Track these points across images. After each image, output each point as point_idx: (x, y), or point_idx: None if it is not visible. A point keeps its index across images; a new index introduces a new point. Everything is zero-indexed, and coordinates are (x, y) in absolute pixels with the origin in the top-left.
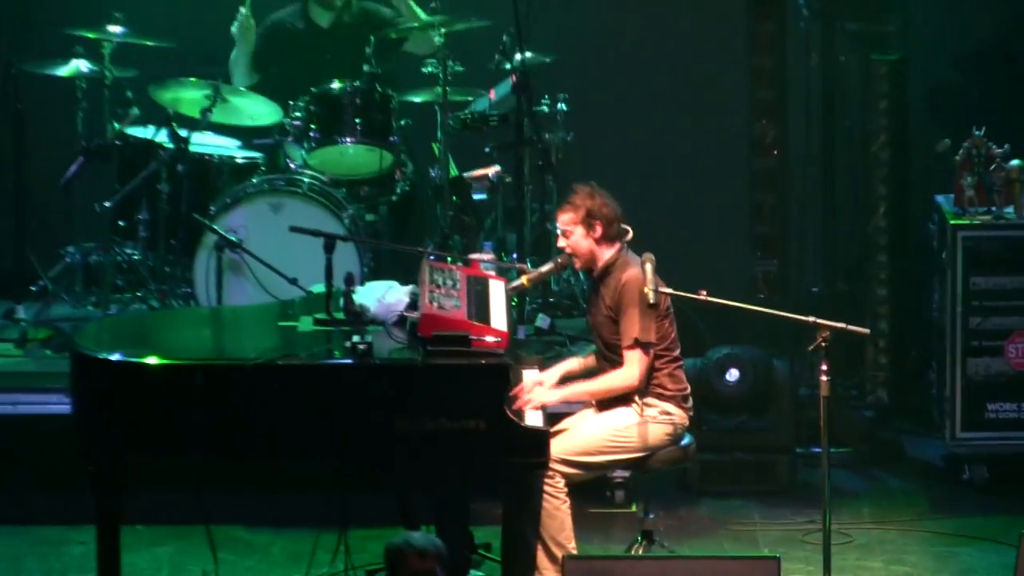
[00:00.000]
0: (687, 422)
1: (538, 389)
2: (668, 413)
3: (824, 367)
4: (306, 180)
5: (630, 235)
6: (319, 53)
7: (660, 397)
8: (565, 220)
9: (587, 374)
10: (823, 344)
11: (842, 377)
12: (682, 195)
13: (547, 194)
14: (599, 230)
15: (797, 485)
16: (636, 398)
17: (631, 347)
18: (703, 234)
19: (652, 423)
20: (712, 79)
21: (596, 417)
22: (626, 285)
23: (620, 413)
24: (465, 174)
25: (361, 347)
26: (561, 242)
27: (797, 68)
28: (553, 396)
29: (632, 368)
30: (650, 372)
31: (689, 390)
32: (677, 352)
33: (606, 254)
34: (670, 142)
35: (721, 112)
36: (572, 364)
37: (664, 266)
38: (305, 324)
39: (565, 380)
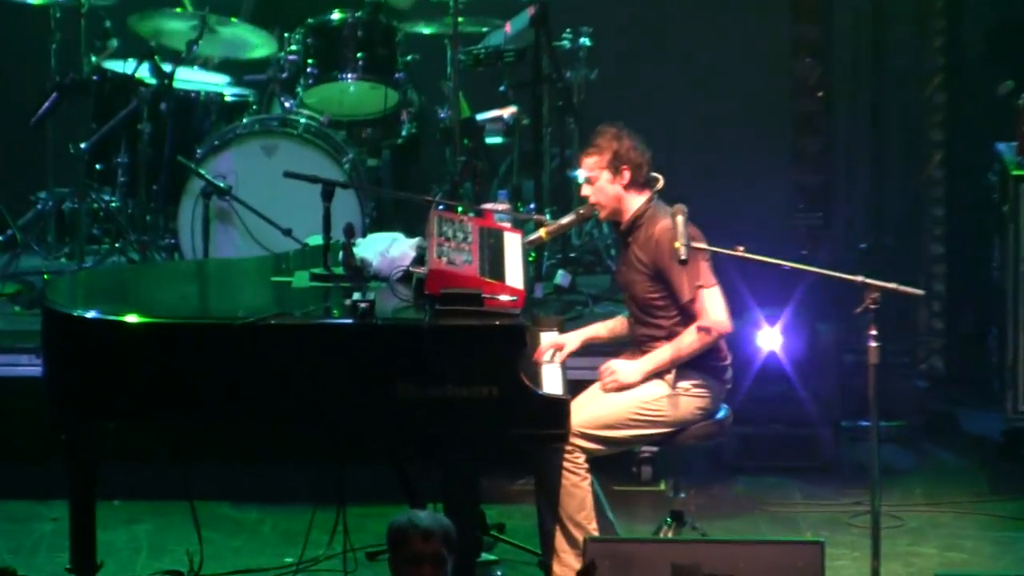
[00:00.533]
0: (724, 395)
1: (620, 370)
2: (704, 385)
3: (873, 332)
4: (302, 121)
5: (660, 183)
6: None
7: (696, 367)
8: (589, 164)
9: (617, 341)
10: (872, 306)
11: (892, 343)
12: (716, 140)
13: (568, 138)
14: (627, 176)
15: (842, 462)
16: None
17: (696, 295)
18: (740, 183)
19: (684, 396)
20: (751, 13)
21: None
22: (662, 237)
23: (650, 383)
24: (478, 115)
25: (362, 306)
26: (585, 190)
27: (844, 2)
28: (635, 373)
29: (711, 313)
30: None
31: (730, 360)
32: None
33: (634, 204)
34: (703, 82)
35: (760, 49)
36: (597, 329)
37: (696, 218)
38: (300, 280)
39: (589, 346)
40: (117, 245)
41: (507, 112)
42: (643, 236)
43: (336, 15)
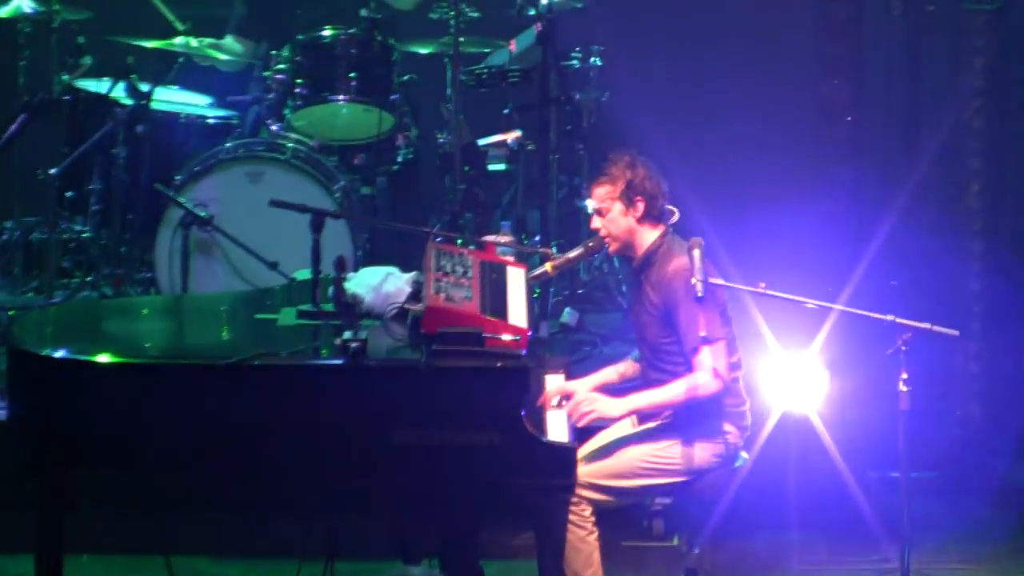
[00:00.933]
0: (742, 442)
1: (600, 401)
2: (720, 431)
3: (904, 375)
4: (290, 145)
5: (676, 217)
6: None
7: (712, 411)
8: (600, 195)
9: (629, 384)
10: (903, 347)
11: (925, 387)
12: (738, 167)
13: (577, 165)
14: (640, 207)
15: (870, 516)
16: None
17: (699, 346)
18: (762, 214)
19: (699, 442)
20: (775, 30)
21: (633, 433)
22: (675, 277)
23: (661, 429)
24: (480, 140)
25: (353, 345)
26: (595, 222)
27: (876, 18)
28: (616, 409)
29: (707, 370)
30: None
31: (748, 404)
32: (736, 358)
33: (648, 238)
34: (723, 104)
35: (785, 70)
36: (607, 374)
37: (713, 253)
38: (287, 317)
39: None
40: (89, 279)
41: (511, 136)
42: (656, 275)
43: (328, 32)
